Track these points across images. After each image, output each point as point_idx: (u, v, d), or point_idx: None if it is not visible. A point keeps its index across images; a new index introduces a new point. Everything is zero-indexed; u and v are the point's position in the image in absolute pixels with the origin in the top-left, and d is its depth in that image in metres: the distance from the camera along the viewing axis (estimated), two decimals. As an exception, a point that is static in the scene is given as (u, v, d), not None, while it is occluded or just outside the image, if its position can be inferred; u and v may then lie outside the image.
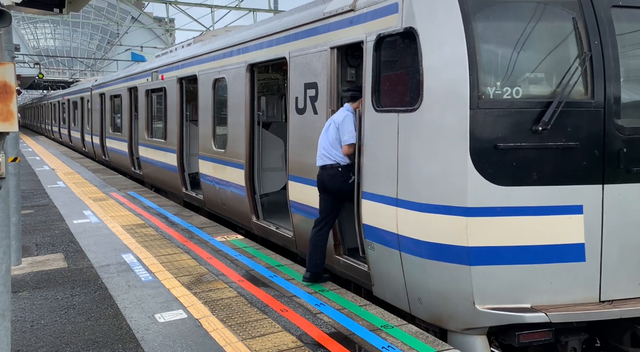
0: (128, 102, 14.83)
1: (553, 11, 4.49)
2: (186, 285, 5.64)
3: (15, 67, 3.60)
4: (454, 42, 4.35)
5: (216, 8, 28.15)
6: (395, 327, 4.52)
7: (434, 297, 4.61)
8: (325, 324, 4.60)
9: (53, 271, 6.22)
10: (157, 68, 12.29)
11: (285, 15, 7.35)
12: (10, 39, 6.02)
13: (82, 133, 22.38)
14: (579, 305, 4.37)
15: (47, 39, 75.75)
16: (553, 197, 4.32)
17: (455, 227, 4.35)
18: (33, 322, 4.73)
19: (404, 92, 4.76)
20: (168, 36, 37.00)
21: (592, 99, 4.38)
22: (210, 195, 9.40)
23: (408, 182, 4.66)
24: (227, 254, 6.85)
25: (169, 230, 8.20)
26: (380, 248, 5.04)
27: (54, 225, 8.68)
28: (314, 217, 5.77)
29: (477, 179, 4.27)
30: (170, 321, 4.69)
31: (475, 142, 4.27)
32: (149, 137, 12.93)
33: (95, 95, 19.41)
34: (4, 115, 3.48)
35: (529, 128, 4.28)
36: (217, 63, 8.87)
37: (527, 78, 4.51)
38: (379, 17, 5.02)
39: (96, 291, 5.52)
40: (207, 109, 9.25)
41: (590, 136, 4.35)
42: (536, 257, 4.33)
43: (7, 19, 3.52)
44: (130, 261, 6.53)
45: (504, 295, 4.37)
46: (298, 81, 6.43)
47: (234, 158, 8.19)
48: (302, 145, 6.38)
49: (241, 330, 4.49)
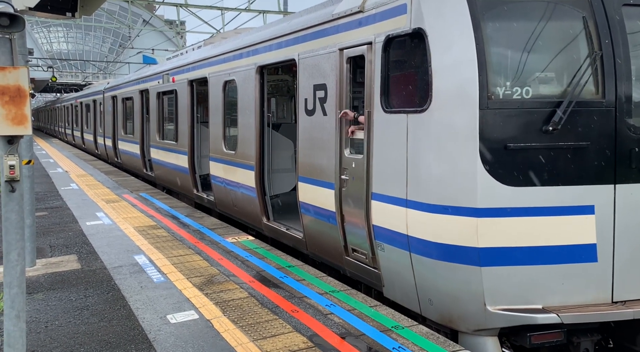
0: (140, 104, 14.96)
1: (563, 10, 4.46)
2: (198, 286, 5.68)
3: (28, 71, 3.67)
4: (463, 43, 4.35)
5: (226, 10, 28.29)
6: (406, 328, 4.52)
7: (444, 298, 4.60)
8: (336, 324, 4.61)
9: (67, 272, 6.30)
10: (168, 71, 12.39)
11: (294, 17, 7.38)
12: (24, 43, 6.11)
13: (95, 135, 22.61)
14: (591, 306, 4.34)
15: (60, 42, 76.61)
16: (564, 198, 4.30)
17: (466, 228, 4.34)
18: (47, 323, 4.80)
19: (413, 93, 4.76)
20: (179, 39, 37.23)
21: (603, 99, 4.35)
22: (221, 196, 9.46)
23: (417, 182, 4.66)
24: (238, 255, 6.88)
25: (180, 231, 8.27)
26: (390, 249, 5.04)
27: (68, 227, 8.78)
28: (323, 219, 5.78)
29: (487, 179, 4.26)
30: (182, 322, 4.73)
31: (485, 143, 4.26)
32: (160, 139, 13.04)
33: (108, 98, 19.60)
34: (18, 119, 3.54)
35: (539, 128, 4.26)
36: (227, 65, 8.92)
37: (537, 78, 4.48)
38: (388, 18, 5.02)
39: (109, 292, 5.58)
40: (218, 111, 9.31)
41: (602, 136, 4.32)
42: (547, 257, 4.30)
43: (21, 24, 3.58)
44: (143, 262, 6.59)
45: (515, 296, 4.35)
46: (307, 83, 6.45)
47: (244, 159, 8.24)
48: (312, 146, 6.40)
49: (252, 331, 4.52)
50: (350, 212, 5.65)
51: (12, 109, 3.51)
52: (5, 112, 3.50)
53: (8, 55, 3.63)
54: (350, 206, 5.64)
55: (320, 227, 6.29)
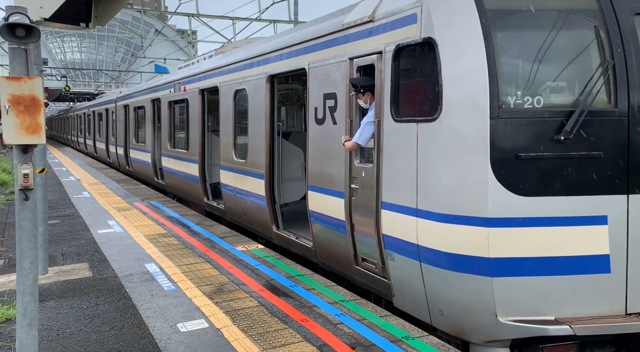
0: (151, 113, 15.10)
1: (574, 20, 4.45)
2: (208, 294, 5.69)
3: (43, 81, 3.72)
4: (474, 52, 4.34)
5: (238, 20, 28.53)
6: (417, 339, 4.49)
7: (455, 309, 4.56)
8: (346, 334, 4.59)
9: (78, 280, 6.34)
10: (179, 80, 12.50)
11: (304, 26, 7.42)
12: (39, 54, 6.21)
13: (107, 144, 22.83)
14: (604, 317, 4.29)
15: (74, 52, 77.69)
16: (576, 208, 4.26)
17: (477, 238, 4.31)
18: (59, 330, 4.82)
19: (423, 102, 4.76)
20: (190, 48, 37.59)
21: (616, 108, 4.31)
22: (231, 205, 9.48)
23: (428, 192, 4.64)
24: (248, 263, 6.89)
25: (190, 239, 8.30)
26: (400, 259, 5.02)
27: (80, 235, 8.85)
28: (333, 227, 5.78)
29: (498, 189, 4.23)
30: (192, 331, 4.73)
31: (496, 152, 4.24)
32: (171, 148, 13.13)
33: (120, 107, 19.81)
34: (32, 128, 3.59)
35: (551, 137, 4.24)
36: (237, 74, 8.99)
37: (549, 87, 4.46)
38: (398, 27, 5.04)
39: (120, 300, 5.60)
40: (228, 120, 9.37)
41: (614, 145, 4.28)
42: (560, 268, 4.26)
43: (36, 35, 3.64)
44: (153, 271, 6.62)
45: (527, 307, 4.31)
46: (317, 92, 6.48)
47: (254, 168, 8.27)
48: (322, 155, 6.41)
49: (262, 340, 4.51)
50: (360, 221, 5.64)
51: (27, 119, 3.56)
52: (20, 121, 3.55)
53: (23, 66, 3.69)
54: (360, 215, 5.63)
55: (330, 236, 6.28)
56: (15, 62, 3.67)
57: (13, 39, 3.58)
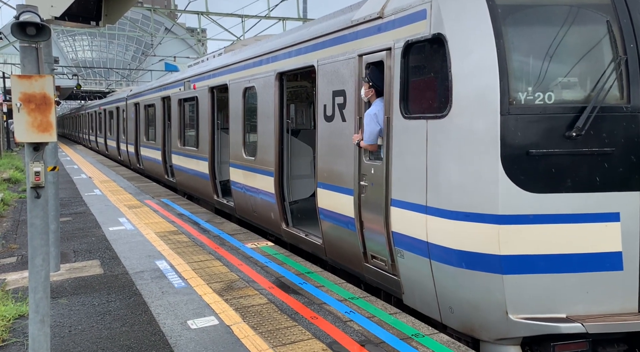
0: (161, 111, 15.18)
1: (586, 14, 4.40)
2: (218, 291, 5.71)
3: (54, 79, 3.75)
4: (484, 48, 4.31)
5: (247, 18, 28.56)
6: (426, 337, 4.47)
7: (465, 307, 4.54)
8: (355, 332, 4.59)
9: (90, 277, 6.40)
10: (189, 78, 12.55)
11: (313, 24, 7.41)
12: (50, 52, 6.26)
13: (118, 142, 22.99)
14: (616, 315, 4.24)
15: (85, 50, 78.21)
16: (588, 205, 4.22)
17: (487, 236, 4.29)
18: (71, 327, 4.87)
19: (433, 99, 4.74)
20: (200, 46, 37.70)
21: (629, 104, 4.26)
22: (240, 202, 9.51)
23: (437, 189, 4.62)
24: (258, 260, 6.91)
25: (201, 237, 8.33)
26: (410, 256, 5.00)
27: (91, 232, 8.92)
28: (342, 225, 5.77)
29: (509, 186, 4.20)
30: (202, 327, 4.76)
31: (507, 149, 4.20)
32: (181, 146, 13.19)
33: (130, 105, 19.92)
34: (43, 126, 3.62)
35: (562, 134, 4.20)
36: (247, 72, 9.00)
37: (560, 83, 4.42)
38: (407, 23, 5.01)
39: (131, 297, 5.64)
40: (238, 118, 9.39)
41: (627, 141, 4.23)
42: (571, 266, 4.22)
43: (47, 33, 3.67)
44: (164, 268, 6.66)
45: (538, 305, 4.28)
46: (326, 89, 6.46)
47: (263, 165, 8.28)
48: (331, 152, 6.40)
49: (272, 337, 4.52)
50: (370, 218, 5.63)
51: (38, 117, 3.59)
52: (32, 119, 3.58)
53: (34, 64, 3.72)
54: (369, 212, 5.62)
55: (339, 233, 6.28)
56: (26, 61, 3.70)
57: (24, 38, 3.61)
